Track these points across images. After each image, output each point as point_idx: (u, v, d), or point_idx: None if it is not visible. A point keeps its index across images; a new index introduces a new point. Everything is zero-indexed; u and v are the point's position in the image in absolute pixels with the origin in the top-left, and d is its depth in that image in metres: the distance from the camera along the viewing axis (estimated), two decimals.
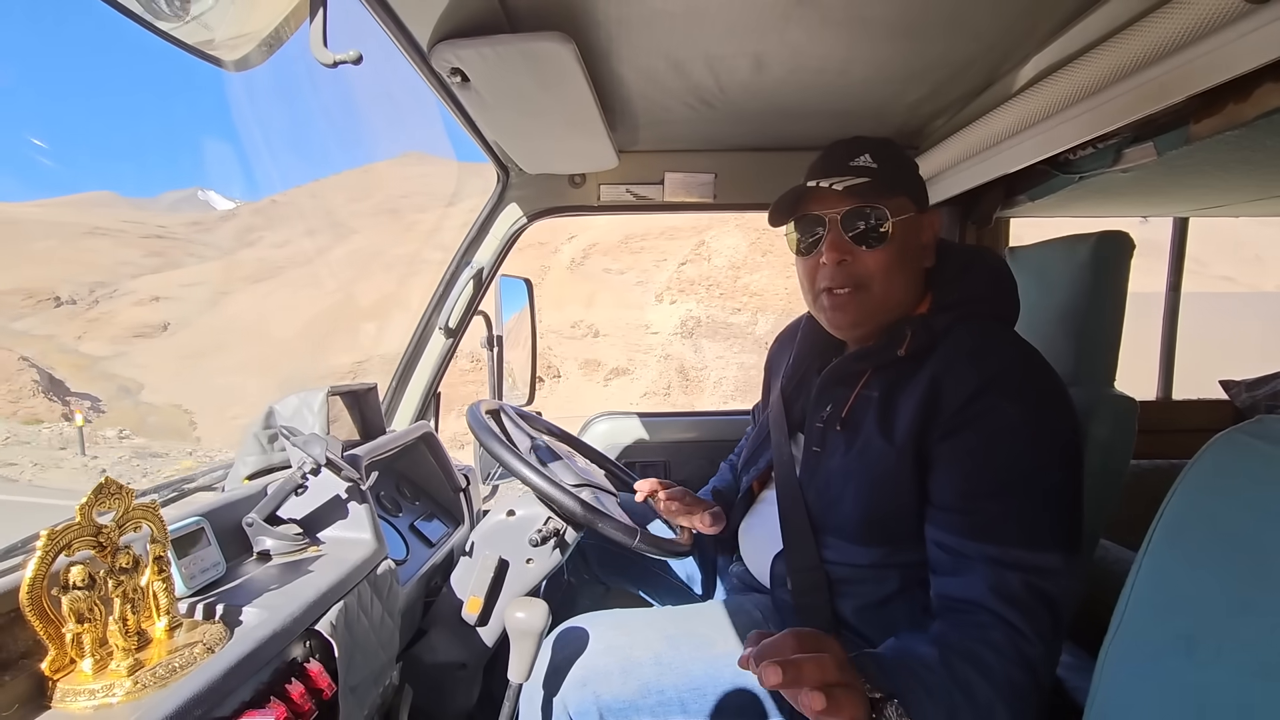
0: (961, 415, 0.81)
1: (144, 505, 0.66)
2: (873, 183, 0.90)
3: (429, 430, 1.41)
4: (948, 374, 0.83)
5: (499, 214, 1.60)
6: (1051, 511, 0.77)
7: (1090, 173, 1.18)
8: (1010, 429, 0.78)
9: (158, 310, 44.22)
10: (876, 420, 0.89)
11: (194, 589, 0.76)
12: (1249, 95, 0.81)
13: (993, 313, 0.93)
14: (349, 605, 0.82)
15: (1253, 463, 0.48)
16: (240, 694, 0.64)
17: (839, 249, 0.92)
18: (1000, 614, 0.73)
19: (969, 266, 0.96)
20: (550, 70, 0.99)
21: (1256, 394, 1.82)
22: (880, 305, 0.94)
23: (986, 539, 0.76)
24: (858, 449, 0.90)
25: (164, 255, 56.83)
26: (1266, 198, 1.43)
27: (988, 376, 0.80)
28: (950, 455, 0.81)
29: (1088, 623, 1.02)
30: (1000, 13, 0.94)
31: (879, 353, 0.92)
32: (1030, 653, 0.72)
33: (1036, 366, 0.84)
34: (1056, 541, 0.75)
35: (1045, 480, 0.77)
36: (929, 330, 0.89)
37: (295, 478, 0.92)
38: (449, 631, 1.12)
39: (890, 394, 0.89)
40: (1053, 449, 0.78)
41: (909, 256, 0.94)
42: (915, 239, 0.95)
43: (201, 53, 0.75)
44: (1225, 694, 0.45)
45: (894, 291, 0.93)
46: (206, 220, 69.60)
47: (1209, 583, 0.49)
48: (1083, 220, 1.65)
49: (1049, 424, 0.79)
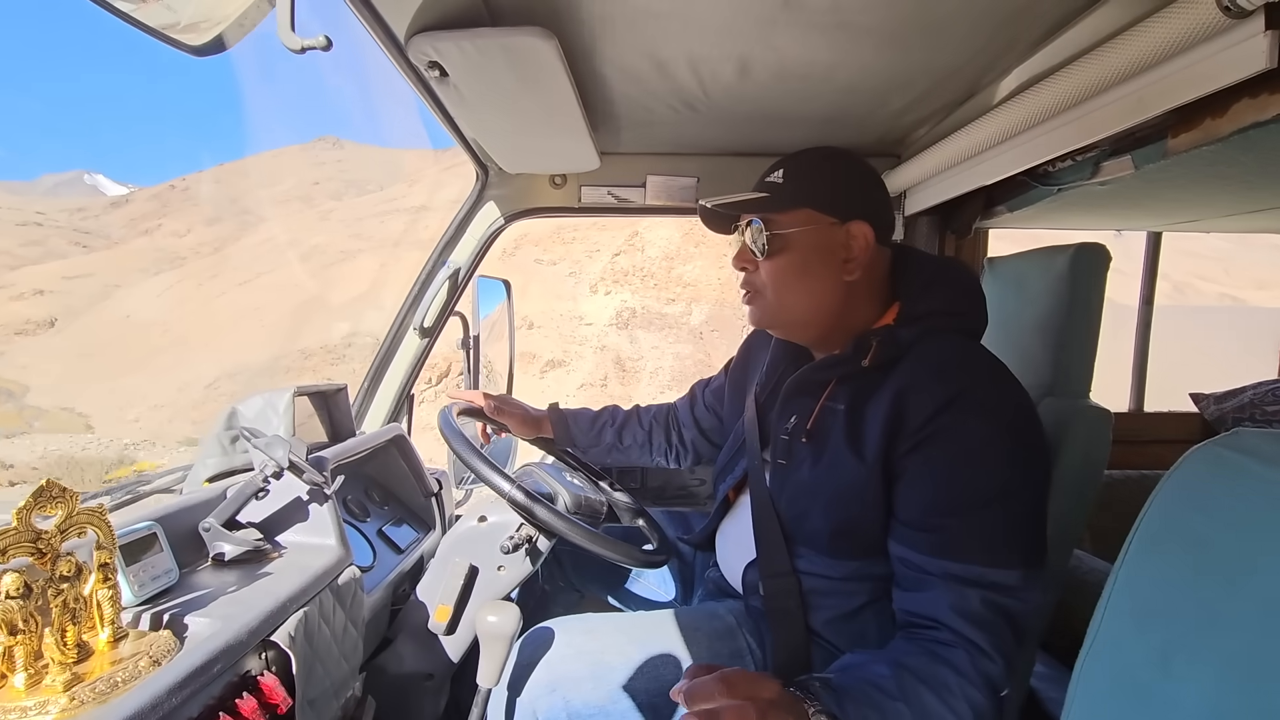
0: (925, 431, 0.81)
1: (89, 509, 0.62)
2: (769, 198, 0.96)
3: (401, 433, 1.38)
4: (913, 389, 0.83)
5: (477, 213, 1.58)
6: (1014, 528, 0.77)
7: (1069, 185, 1.19)
8: (973, 446, 0.79)
9: (41, 305, 41.69)
10: (844, 434, 0.88)
11: (143, 598, 0.72)
12: (1225, 111, 0.81)
13: (961, 325, 0.93)
14: (309, 614, 0.79)
15: (1229, 476, 0.48)
16: (187, 710, 0.61)
17: (739, 257, 1.00)
18: (961, 632, 0.74)
19: (937, 278, 0.96)
20: (531, 67, 0.97)
21: (1224, 406, 1.85)
22: (778, 312, 0.98)
23: (948, 556, 0.77)
24: (825, 463, 0.90)
25: (44, 245, 53.70)
26: (1239, 213, 1.46)
27: (952, 393, 0.80)
28: (914, 471, 0.82)
29: (1063, 634, 1.02)
30: (983, 24, 0.94)
31: (843, 363, 0.91)
32: (991, 670, 0.73)
33: (1002, 382, 0.84)
34: (1019, 558, 0.76)
35: (1008, 497, 0.78)
36: (895, 342, 0.88)
37: (256, 481, 0.89)
38: (416, 641, 1.09)
39: (856, 407, 0.89)
40: (1015, 466, 0.79)
41: (812, 266, 0.94)
42: (823, 249, 0.94)
43: (165, 36, 0.72)
44: (1199, 706, 0.44)
45: (793, 300, 0.96)
46: (93, 206, 65.03)
47: (1184, 595, 0.48)
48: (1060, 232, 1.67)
49: (1012, 441, 0.80)
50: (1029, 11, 0.90)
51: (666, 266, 25.14)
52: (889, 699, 0.70)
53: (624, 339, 23.56)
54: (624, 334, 23.77)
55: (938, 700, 0.71)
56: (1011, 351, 1.06)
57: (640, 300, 24.78)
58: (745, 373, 1.24)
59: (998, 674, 0.74)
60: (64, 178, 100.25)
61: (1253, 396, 1.81)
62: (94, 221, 60.12)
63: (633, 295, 25.02)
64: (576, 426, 1.37)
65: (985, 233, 1.71)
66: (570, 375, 22.24)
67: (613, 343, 23.41)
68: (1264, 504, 0.45)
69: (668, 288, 24.88)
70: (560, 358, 23.15)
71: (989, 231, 1.70)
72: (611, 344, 23.36)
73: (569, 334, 24.41)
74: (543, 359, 22.99)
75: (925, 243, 1.64)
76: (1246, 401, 1.81)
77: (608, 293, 25.62)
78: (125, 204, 62.61)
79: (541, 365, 22.72)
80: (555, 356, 23.18)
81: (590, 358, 22.98)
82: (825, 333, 0.97)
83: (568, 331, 24.53)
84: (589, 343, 23.69)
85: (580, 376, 21.95)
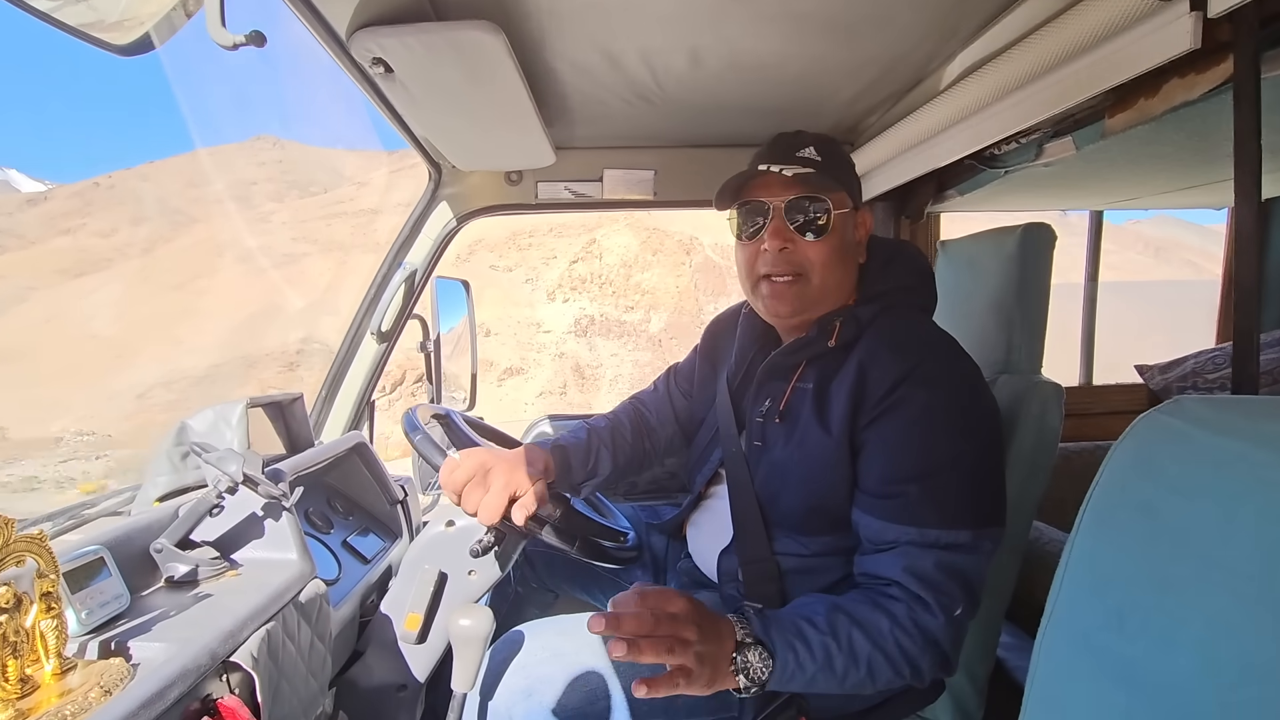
0: (884, 403, 0.84)
1: (28, 536, 0.59)
2: (817, 174, 0.91)
3: (362, 440, 1.35)
4: (873, 364, 0.87)
5: (431, 213, 1.55)
6: (967, 491, 0.81)
7: (1015, 167, 1.22)
8: (927, 415, 0.82)
9: None
10: (813, 411, 0.91)
11: (91, 625, 0.69)
12: (1157, 90, 0.85)
13: (914, 303, 0.98)
14: (272, 632, 0.77)
15: (1172, 443, 0.49)
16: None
17: (781, 236, 0.93)
18: (908, 588, 0.78)
19: (892, 259, 1.00)
20: (480, 62, 0.95)
21: (1168, 376, 1.93)
22: (817, 296, 0.95)
23: (906, 521, 0.80)
24: (796, 440, 0.92)
25: None
26: (1173, 190, 1.52)
27: (908, 367, 0.84)
28: (874, 442, 0.85)
29: (1025, 604, 1.05)
30: (926, 11, 0.96)
31: (811, 344, 0.94)
32: (929, 624, 0.77)
33: (952, 355, 0.89)
34: (971, 518, 0.80)
35: (961, 463, 0.81)
36: (856, 321, 0.92)
37: (210, 497, 0.85)
38: (386, 652, 1.07)
39: (823, 384, 0.92)
40: (967, 432, 0.83)
41: (845, 251, 0.96)
42: (852, 234, 0.97)
43: (87, 36, 0.69)
44: (1152, 666, 0.46)
45: (830, 283, 0.96)
46: (6, 204, 59.95)
47: (1135, 560, 0.50)
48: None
49: (963, 409, 0.84)
50: None
51: (625, 274, 25.19)
52: (817, 633, 0.75)
53: (583, 346, 23.60)
54: (583, 341, 23.81)
55: (867, 642, 0.76)
56: (966, 331, 1.08)
57: (599, 308, 24.80)
58: (712, 365, 1.23)
59: (937, 629, 0.77)
60: None
61: (1194, 365, 1.88)
62: (7, 219, 55.73)
63: (591, 302, 25.03)
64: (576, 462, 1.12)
65: (937, 217, 1.74)
66: (529, 383, 22.14)
67: (571, 350, 23.40)
68: (1206, 468, 0.47)
69: (626, 295, 24.97)
70: (518, 365, 23.06)
71: (940, 216, 1.74)
72: (570, 351, 23.36)
73: (527, 341, 24.29)
74: (500, 366, 22.83)
75: (880, 227, 1.68)
76: (1189, 371, 1.89)
77: (565, 300, 25.60)
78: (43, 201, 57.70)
79: (499, 372, 22.55)
80: (513, 364, 23.05)
81: (549, 365, 22.93)
82: (824, 316, 0.96)
83: (525, 339, 24.41)
84: (547, 350, 23.62)
85: (539, 384, 21.89)
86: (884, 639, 0.77)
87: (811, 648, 0.75)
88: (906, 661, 0.77)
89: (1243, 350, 0.73)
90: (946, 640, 0.78)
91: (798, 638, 0.75)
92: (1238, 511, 0.43)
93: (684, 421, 1.31)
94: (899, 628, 0.77)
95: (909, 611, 0.78)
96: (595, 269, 25.83)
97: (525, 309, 25.86)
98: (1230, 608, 0.42)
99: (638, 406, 1.31)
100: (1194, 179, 1.40)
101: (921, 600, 0.78)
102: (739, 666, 0.73)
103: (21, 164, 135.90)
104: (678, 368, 1.34)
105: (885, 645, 0.76)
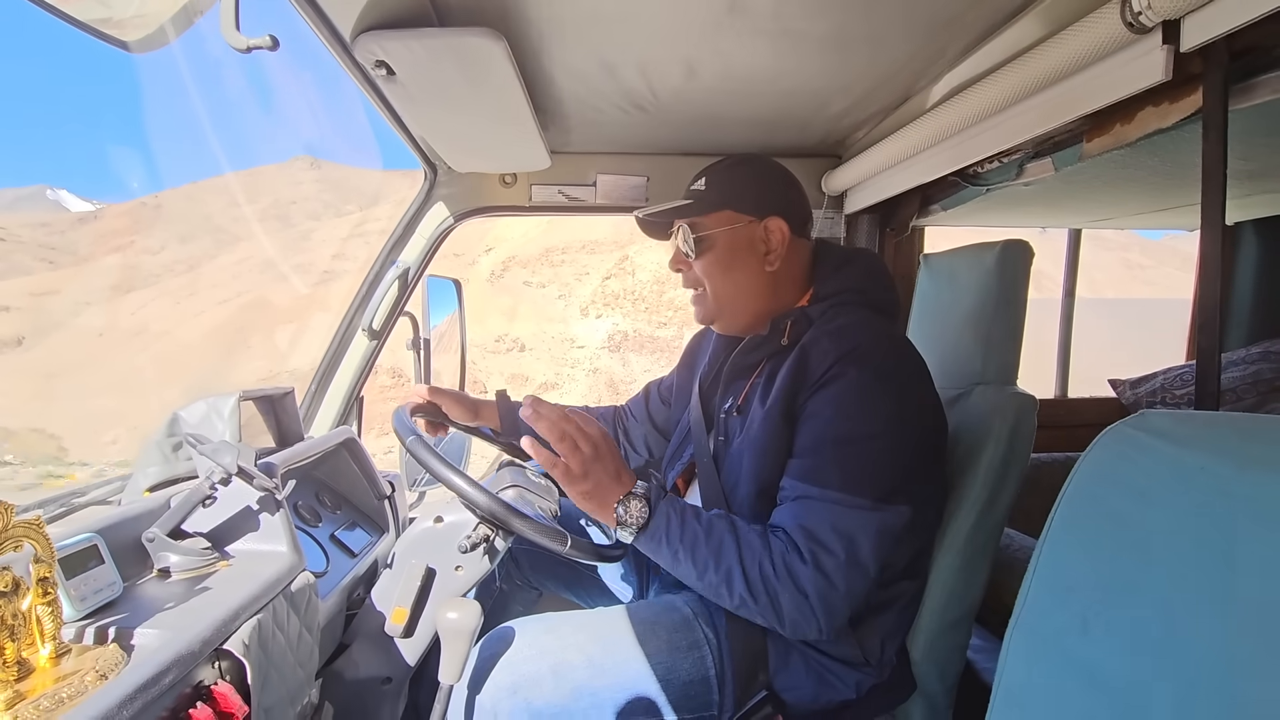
0: (819, 381, 0.90)
1: (25, 522, 0.60)
2: (693, 204, 1.05)
3: (351, 435, 1.35)
4: (814, 348, 0.93)
5: (426, 213, 1.56)
6: (877, 466, 0.86)
7: (997, 185, 1.26)
8: (853, 392, 0.88)
9: (8, 322, 39.66)
10: (760, 398, 0.97)
11: (85, 612, 0.69)
12: (1133, 118, 0.88)
13: (864, 302, 1.02)
14: (263, 622, 0.77)
15: (1136, 454, 0.52)
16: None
17: (675, 260, 1.11)
18: (793, 536, 0.85)
19: (844, 263, 1.07)
20: (480, 67, 0.97)
21: (1139, 391, 1.99)
22: (720, 304, 1.07)
23: (812, 481, 0.87)
24: (747, 429, 0.98)
25: (7, 260, 50.99)
26: (1146, 211, 1.57)
27: (847, 348, 0.90)
28: (806, 414, 0.91)
29: (995, 608, 1.08)
30: (915, 33, 0.99)
31: (765, 343, 1.01)
32: (797, 568, 0.83)
33: (896, 345, 0.94)
34: (874, 491, 0.85)
35: (875, 439, 0.87)
36: (806, 318, 0.99)
37: (203, 488, 0.86)
38: (372, 645, 1.07)
39: (772, 374, 0.98)
40: (890, 415, 0.88)
41: (737, 261, 1.05)
42: (744, 245, 1.04)
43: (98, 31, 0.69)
44: (1114, 668, 0.48)
45: (730, 291, 1.06)
46: (58, 222, 62.15)
47: (1100, 566, 0.52)
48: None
49: (894, 394, 0.89)
50: (956, 22, 0.96)
51: (657, 290, 25.28)
52: (697, 523, 0.87)
53: (616, 361, 23.69)
54: (616, 356, 23.91)
55: (734, 552, 0.85)
56: (945, 342, 1.12)
57: (632, 323, 24.91)
58: (690, 370, 1.30)
59: (805, 576, 0.82)
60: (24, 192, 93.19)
61: (1163, 381, 1.94)
62: (60, 238, 56.73)
63: (624, 318, 25.15)
64: None
65: (922, 231, 1.78)
66: (564, 398, 22.17)
67: (605, 365, 23.53)
68: (1168, 479, 0.49)
69: (659, 311, 25.07)
70: (553, 380, 23.23)
71: (925, 230, 1.78)
72: (604, 366, 23.48)
73: (561, 356, 24.47)
74: (536, 381, 23.09)
75: (866, 240, 1.71)
76: (1158, 386, 1.95)
77: (599, 316, 25.64)
78: (94, 220, 59.02)
79: (535, 387, 22.69)
80: (548, 379, 23.27)
81: (583, 380, 23.06)
82: (757, 320, 1.05)
83: (560, 354, 24.59)
84: (581, 365, 23.76)
85: (574, 399, 21.91)
86: (750, 559, 0.84)
87: (684, 528, 0.87)
88: (765, 590, 0.83)
89: (1205, 368, 0.77)
90: (814, 592, 0.82)
91: (678, 515, 0.88)
92: (1198, 521, 0.46)
93: (662, 426, 1.40)
94: (769, 558, 0.84)
95: (783, 550, 0.84)
96: (628, 285, 25.94)
97: (559, 324, 26.03)
98: (1189, 613, 0.44)
99: (616, 408, 1.47)
100: (1166, 202, 1.46)
101: (796, 547, 0.84)
102: (621, 507, 0.87)
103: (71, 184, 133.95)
104: (661, 381, 1.44)
105: (748, 564, 0.84)
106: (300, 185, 64.08)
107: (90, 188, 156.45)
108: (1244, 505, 0.43)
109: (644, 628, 1.01)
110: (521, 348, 24.78)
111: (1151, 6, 0.71)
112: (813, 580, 0.82)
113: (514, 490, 1.14)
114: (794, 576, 0.83)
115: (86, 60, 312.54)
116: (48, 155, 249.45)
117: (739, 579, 0.84)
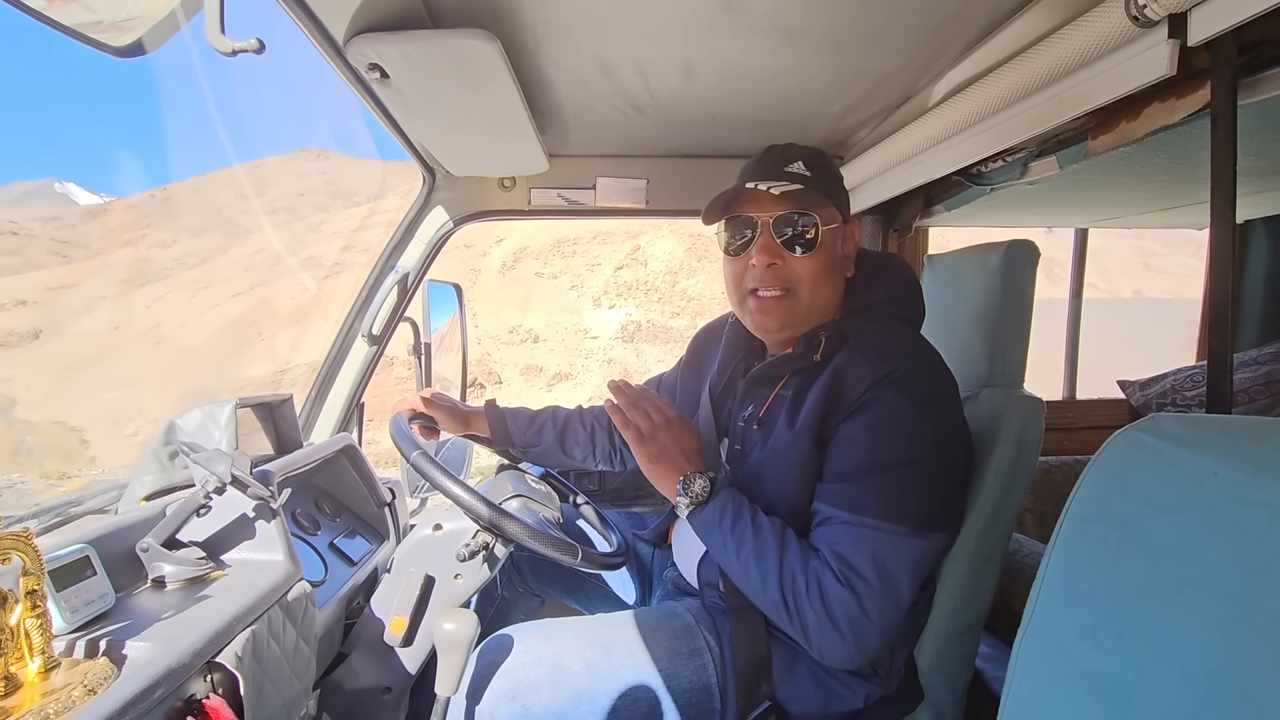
0: (855, 405, 0.87)
1: (13, 534, 0.59)
2: (806, 190, 0.91)
3: (350, 442, 1.34)
4: (849, 369, 0.89)
5: (425, 217, 1.55)
6: (913, 493, 0.84)
7: (1000, 184, 1.24)
8: (893, 415, 0.85)
9: (24, 316, 39.91)
10: (786, 415, 0.93)
11: (76, 624, 0.68)
12: (1138, 114, 0.87)
13: (899, 315, 0.98)
14: (258, 633, 0.76)
15: (1147, 459, 0.51)
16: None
17: (769, 252, 0.93)
18: (826, 558, 0.83)
19: (877, 272, 1.02)
20: (475, 69, 0.96)
21: (1149, 392, 1.96)
22: (805, 312, 0.96)
23: (847, 508, 0.84)
24: (770, 445, 0.94)
25: (21, 254, 51.09)
26: (1154, 210, 1.55)
27: (885, 370, 0.86)
28: (841, 436, 0.88)
29: (1004, 615, 1.06)
30: (916, 30, 0.98)
31: (797, 359, 0.95)
32: (830, 588, 0.81)
33: (930, 368, 0.90)
34: (910, 518, 0.82)
35: (914, 465, 0.84)
36: (841, 334, 0.94)
37: (198, 497, 0.85)
38: (371, 654, 1.06)
39: (801, 391, 0.93)
40: (928, 441, 0.85)
41: (834, 266, 0.97)
42: (840, 249, 0.98)
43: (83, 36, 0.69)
44: (1125, 679, 0.47)
45: (819, 299, 0.96)
46: (68, 216, 61.85)
47: (1110, 574, 0.51)
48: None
49: (931, 418, 0.86)
50: (958, 19, 0.94)
51: (670, 281, 25.44)
52: (750, 520, 0.87)
53: (630, 352, 23.84)
54: (630, 347, 24.07)
55: (775, 558, 0.84)
56: (950, 344, 1.10)
57: (645, 314, 25.07)
58: (697, 373, 1.25)
59: (835, 596, 0.80)
60: (32, 186, 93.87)
61: (1173, 382, 1.92)
62: (71, 231, 56.83)
63: (637, 309, 25.32)
64: (515, 425, 1.32)
65: (925, 231, 1.77)
66: (578, 388, 22.36)
67: (619, 355, 23.68)
68: (1178, 484, 0.48)
69: (672, 301, 25.21)
70: (567, 370, 23.37)
71: (928, 231, 1.76)
72: (618, 356, 23.62)
73: (574, 347, 24.57)
74: (550, 372, 23.25)
75: (869, 241, 1.70)
76: (1168, 387, 1.92)
77: (611, 306, 25.84)
78: (103, 213, 59.25)
79: (549, 378, 22.87)
80: (562, 369, 23.41)
81: (597, 370, 23.17)
82: (810, 331, 0.97)
83: (573, 345, 24.69)
84: (595, 355, 23.89)
85: (588, 389, 22.12)
86: (788, 568, 0.84)
87: (738, 521, 0.87)
88: (794, 599, 0.83)
89: (1216, 369, 0.75)
90: (843, 616, 0.80)
91: (735, 507, 0.89)
92: (1210, 527, 0.45)
93: None
94: (805, 572, 0.83)
95: (819, 569, 0.83)
96: (640, 275, 26.08)
97: (572, 315, 26.17)
98: (1202, 622, 0.43)
99: None
100: (1174, 200, 1.43)
101: (830, 568, 0.82)
102: (686, 480, 0.90)
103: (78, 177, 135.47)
104: (661, 378, 1.38)
105: (784, 574, 0.84)
106: (307, 177, 64.32)
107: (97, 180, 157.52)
108: (1258, 510, 0.42)
109: (644, 634, 0.99)
110: (535, 339, 24.90)
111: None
112: (842, 601, 0.80)
113: (518, 500, 1.13)
114: (826, 600, 0.81)
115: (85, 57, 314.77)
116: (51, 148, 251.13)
117: (773, 586, 0.84)
